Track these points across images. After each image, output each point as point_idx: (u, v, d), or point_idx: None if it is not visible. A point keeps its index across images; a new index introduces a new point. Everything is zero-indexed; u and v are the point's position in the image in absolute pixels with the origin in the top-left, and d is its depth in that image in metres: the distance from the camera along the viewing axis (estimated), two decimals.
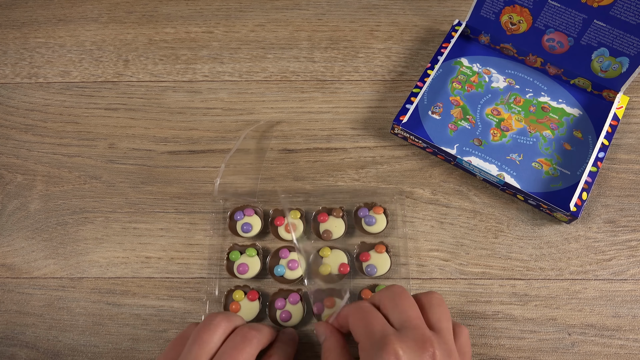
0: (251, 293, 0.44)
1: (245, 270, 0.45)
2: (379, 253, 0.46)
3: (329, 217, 0.47)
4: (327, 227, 0.47)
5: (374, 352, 0.32)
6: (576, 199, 0.45)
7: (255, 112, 0.54)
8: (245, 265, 0.45)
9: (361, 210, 0.47)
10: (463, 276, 0.46)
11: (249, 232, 0.47)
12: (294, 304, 0.44)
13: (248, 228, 0.47)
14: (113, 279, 0.47)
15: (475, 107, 0.52)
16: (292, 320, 0.43)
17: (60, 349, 0.44)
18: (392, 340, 0.32)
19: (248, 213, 0.47)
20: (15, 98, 0.55)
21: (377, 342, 0.33)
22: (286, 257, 0.46)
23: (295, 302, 0.44)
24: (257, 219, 0.47)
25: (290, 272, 0.45)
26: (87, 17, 0.60)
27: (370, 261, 0.45)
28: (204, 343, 0.34)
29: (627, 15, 0.46)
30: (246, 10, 0.60)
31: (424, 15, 0.59)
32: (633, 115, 0.53)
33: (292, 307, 0.44)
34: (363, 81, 0.55)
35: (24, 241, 0.48)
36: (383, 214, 0.47)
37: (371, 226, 0.47)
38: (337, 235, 0.47)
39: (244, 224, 0.47)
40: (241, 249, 0.46)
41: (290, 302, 0.44)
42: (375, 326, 0.34)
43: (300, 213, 0.47)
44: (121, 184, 0.51)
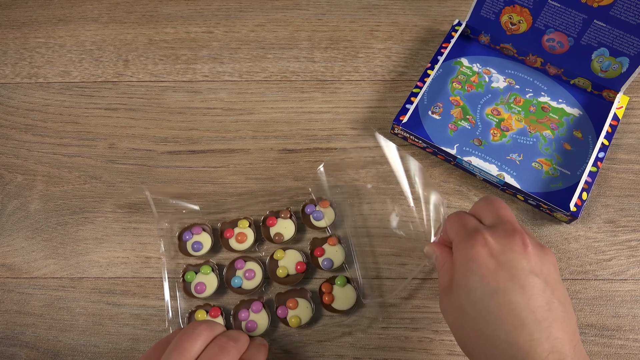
0: (213, 310, 0.44)
1: (203, 289, 0.44)
2: (331, 246, 0.46)
3: (277, 220, 0.47)
4: (277, 230, 0.46)
5: (465, 241, 0.34)
6: (576, 199, 0.45)
7: (255, 112, 0.54)
8: (202, 284, 0.45)
9: (308, 207, 0.48)
10: None
11: (200, 250, 0.46)
12: (257, 312, 0.43)
13: (199, 247, 0.46)
14: (113, 279, 0.47)
15: (475, 107, 0.52)
16: (259, 328, 0.43)
17: (60, 349, 0.44)
18: (482, 230, 0.34)
19: (196, 231, 0.47)
20: (15, 98, 0.55)
21: (468, 234, 0.34)
22: (242, 267, 0.45)
23: (258, 310, 0.44)
24: (207, 235, 0.47)
25: (248, 282, 0.45)
26: (87, 17, 0.60)
27: (324, 255, 0.46)
28: (185, 350, 0.34)
29: (627, 15, 0.46)
30: (246, 10, 0.60)
31: (424, 15, 0.59)
32: (633, 115, 0.53)
33: (256, 315, 0.43)
34: (363, 81, 0.55)
35: (24, 241, 0.48)
36: (330, 207, 0.47)
37: (319, 221, 0.47)
38: (288, 237, 0.46)
39: (194, 243, 0.46)
40: (195, 269, 0.45)
41: (254, 311, 0.43)
42: (468, 223, 0.36)
43: (248, 222, 0.47)
44: (121, 184, 0.51)
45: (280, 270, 0.45)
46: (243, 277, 0.45)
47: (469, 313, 0.32)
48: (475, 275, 0.32)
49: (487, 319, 0.31)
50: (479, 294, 0.32)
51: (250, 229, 0.47)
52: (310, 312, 0.43)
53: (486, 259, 0.32)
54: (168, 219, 0.48)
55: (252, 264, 0.45)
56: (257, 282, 0.45)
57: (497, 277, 0.32)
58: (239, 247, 0.46)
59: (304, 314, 0.43)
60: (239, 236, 0.46)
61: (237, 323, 0.44)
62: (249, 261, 0.46)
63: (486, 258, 0.32)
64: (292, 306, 0.43)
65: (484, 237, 0.33)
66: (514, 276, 0.31)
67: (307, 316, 0.43)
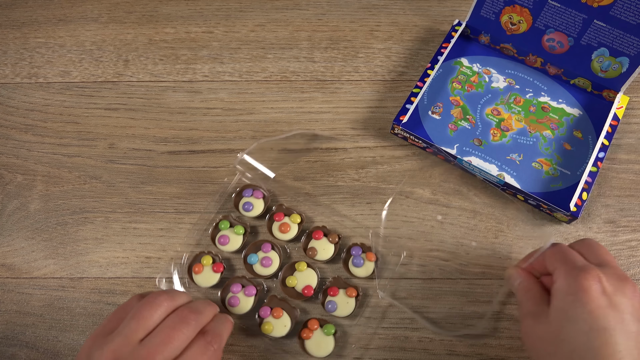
0: (217, 265, 0.45)
1: (226, 243, 0.46)
2: (348, 296, 0.44)
3: (323, 238, 0.46)
4: (315, 245, 0.46)
5: (576, 272, 0.34)
6: (576, 199, 0.45)
7: (255, 112, 0.54)
8: (226, 237, 0.46)
9: (354, 248, 0.46)
10: (463, 276, 0.46)
11: (249, 211, 0.47)
12: (248, 295, 0.44)
13: (249, 207, 0.47)
14: (113, 279, 0.47)
15: (475, 107, 0.52)
16: (238, 308, 0.43)
17: (60, 349, 0.44)
18: (595, 267, 0.34)
19: (257, 195, 0.48)
20: (15, 98, 0.55)
21: (579, 267, 0.35)
22: (266, 251, 0.46)
23: (250, 294, 0.44)
24: (261, 203, 0.48)
25: (260, 267, 0.45)
26: (87, 17, 0.60)
27: (335, 298, 0.44)
28: (143, 319, 0.34)
29: (627, 15, 0.46)
30: (246, 10, 0.60)
31: (424, 15, 0.59)
32: (633, 115, 0.53)
33: (245, 297, 0.44)
34: (363, 81, 0.55)
35: (24, 241, 0.48)
36: (374, 262, 0.45)
37: (356, 268, 0.45)
38: (321, 257, 0.46)
39: (246, 203, 0.47)
40: (232, 223, 0.47)
41: (245, 294, 0.44)
42: (576, 258, 0.36)
43: (301, 218, 0.47)
44: (121, 184, 0.51)
45: (291, 279, 0.45)
46: (259, 260, 0.45)
47: (568, 343, 0.33)
48: (584, 307, 0.33)
49: (587, 354, 0.32)
50: (585, 328, 0.32)
51: (297, 226, 0.47)
52: (285, 330, 0.43)
53: (598, 295, 0.33)
54: (242, 168, 0.49)
55: (275, 255, 0.46)
56: (267, 273, 0.45)
57: (607, 315, 0.32)
58: (277, 234, 0.47)
59: (279, 328, 0.43)
60: (283, 226, 0.46)
61: (225, 291, 0.44)
62: (274, 250, 0.46)
63: (598, 294, 0.33)
64: (275, 315, 0.43)
65: (598, 274, 0.34)
66: (623, 319, 0.32)
67: (280, 332, 0.43)
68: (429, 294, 0.45)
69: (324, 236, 0.46)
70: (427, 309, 0.45)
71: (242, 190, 0.48)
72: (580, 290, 0.33)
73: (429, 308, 0.45)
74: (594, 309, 0.32)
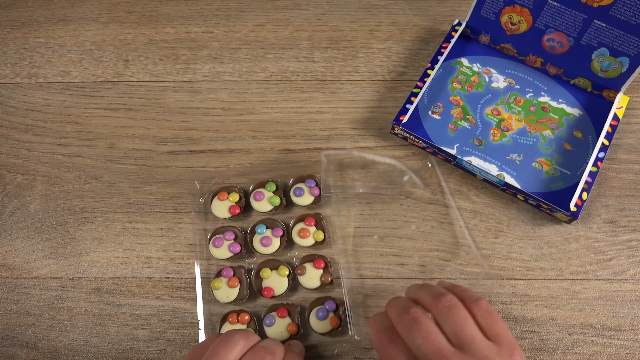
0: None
1: (260, 199, 0.47)
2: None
3: (317, 269, 0.46)
4: (307, 267, 0.46)
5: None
6: (576, 199, 0.45)
7: (255, 112, 0.54)
8: (261, 193, 0.48)
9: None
10: (463, 276, 0.46)
11: (298, 197, 0.48)
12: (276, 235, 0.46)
13: (300, 193, 0.48)
14: (113, 279, 0.47)
15: (475, 107, 0.52)
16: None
17: (60, 349, 0.44)
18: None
19: (309, 184, 0.48)
20: (15, 98, 0.55)
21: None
22: (275, 235, 0.47)
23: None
24: (310, 196, 0.48)
25: (260, 245, 0.46)
26: (87, 17, 0.60)
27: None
28: (220, 359, 0.34)
29: (627, 15, 0.46)
30: (246, 10, 0.60)
31: (424, 15, 0.59)
32: (633, 115, 0.53)
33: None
34: (363, 81, 0.55)
35: (24, 241, 0.48)
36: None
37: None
38: (306, 284, 0.45)
39: (298, 188, 0.48)
40: (277, 187, 0.49)
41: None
42: (433, 344, 0.33)
43: (324, 237, 0.47)
44: (121, 184, 0.51)
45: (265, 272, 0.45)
46: (262, 237, 0.46)
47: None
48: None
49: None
50: None
51: (313, 240, 0.47)
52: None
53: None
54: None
55: (277, 241, 0.47)
56: (265, 251, 0.46)
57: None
58: (295, 236, 0.47)
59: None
60: (303, 231, 0.47)
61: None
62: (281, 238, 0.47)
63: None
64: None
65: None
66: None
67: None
68: None
69: (320, 268, 0.45)
70: None
71: (301, 179, 0.49)
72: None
73: None
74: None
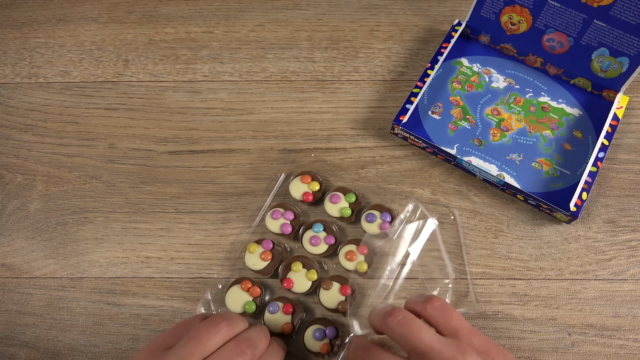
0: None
1: (318, 243, 0.46)
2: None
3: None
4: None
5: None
6: (576, 199, 0.45)
7: (255, 112, 0.54)
8: (317, 238, 0.46)
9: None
10: (463, 276, 0.46)
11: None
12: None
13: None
14: (113, 279, 0.47)
15: (475, 107, 0.52)
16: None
17: (60, 349, 0.44)
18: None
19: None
20: (15, 98, 0.55)
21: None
22: (316, 231, 0.46)
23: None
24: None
25: (312, 247, 0.46)
26: (87, 17, 0.60)
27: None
28: (201, 343, 0.34)
29: (627, 15, 0.46)
30: (246, 10, 0.60)
31: (424, 15, 0.59)
32: (633, 115, 0.53)
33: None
34: (363, 81, 0.55)
35: (24, 241, 0.48)
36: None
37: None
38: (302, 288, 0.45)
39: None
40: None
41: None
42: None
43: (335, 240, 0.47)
44: (121, 184, 0.51)
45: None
46: (312, 237, 0.46)
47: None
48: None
49: None
50: None
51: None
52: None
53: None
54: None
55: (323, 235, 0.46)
56: (316, 251, 0.46)
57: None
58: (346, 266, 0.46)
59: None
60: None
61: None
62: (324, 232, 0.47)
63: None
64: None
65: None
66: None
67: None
68: None
69: (344, 294, 0.45)
70: None
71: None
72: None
73: None
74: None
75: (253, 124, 0.53)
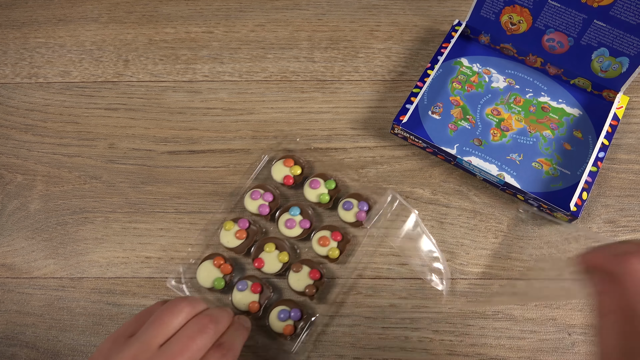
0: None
1: (293, 225, 0.47)
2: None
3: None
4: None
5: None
6: (576, 199, 0.45)
7: (255, 112, 0.54)
8: (293, 220, 0.47)
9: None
10: (463, 276, 0.46)
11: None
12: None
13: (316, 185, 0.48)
14: (113, 279, 0.47)
15: (475, 107, 0.52)
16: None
17: (60, 349, 0.44)
18: None
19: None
20: (15, 98, 0.55)
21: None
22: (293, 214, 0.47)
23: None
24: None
25: (284, 227, 0.47)
26: (87, 17, 0.60)
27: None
28: (164, 324, 0.34)
29: (627, 15, 0.46)
30: (246, 10, 0.60)
31: (424, 15, 0.59)
32: (633, 115, 0.53)
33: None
34: (363, 81, 0.55)
35: (24, 241, 0.48)
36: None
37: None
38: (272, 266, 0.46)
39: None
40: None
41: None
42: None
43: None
44: (121, 184, 0.51)
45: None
46: (286, 221, 0.47)
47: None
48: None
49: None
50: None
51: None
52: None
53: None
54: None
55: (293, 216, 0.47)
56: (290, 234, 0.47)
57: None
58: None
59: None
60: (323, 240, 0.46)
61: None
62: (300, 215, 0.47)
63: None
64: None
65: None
66: None
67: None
68: (429, 294, 0.45)
69: (313, 278, 0.45)
70: (427, 309, 0.45)
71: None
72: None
73: (429, 308, 0.45)
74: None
75: (253, 124, 0.53)
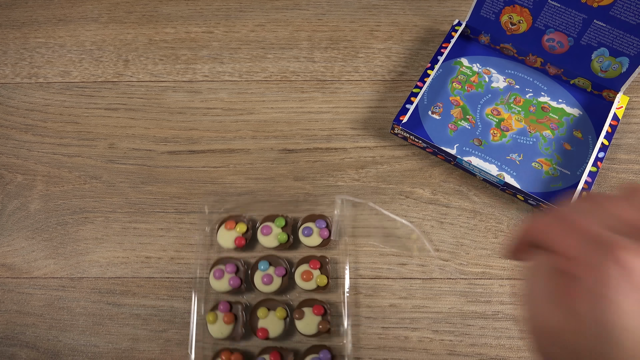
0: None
1: (268, 233, 0.46)
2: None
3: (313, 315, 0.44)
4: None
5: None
6: (576, 199, 0.45)
7: (255, 112, 0.54)
8: (269, 227, 0.46)
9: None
10: (463, 276, 0.46)
11: (307, 237, 0.47)
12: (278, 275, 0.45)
13: (309, 233, 0.47)
14: (113, 279, 0.47)
15: (475, 107, 0.52)
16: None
17: (60, 349, 0.44)
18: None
19: (319, 225, 0.47)
20: (15, 98, 0.55)
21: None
22: (278, 274, 0.45)
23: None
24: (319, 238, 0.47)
25: (265, 286, 0.45)
26: (87, 17, 0.60)
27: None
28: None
29: (627, 15, 0.46)
30: (246, 10, 0.60)
31: (424, 15, 0.59)
32: (633, 115, 0.53)
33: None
34: (363, 81, 0.55)
35: (24, 241, 0.48)
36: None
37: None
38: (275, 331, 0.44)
39: (307, 228, 0.47)
40: (287, 221, 0.48)
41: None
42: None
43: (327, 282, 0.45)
44: (121, 184, 0.51)
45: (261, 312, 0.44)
46: (264, 274, 0.45)
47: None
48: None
49: None
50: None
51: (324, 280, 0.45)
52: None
53: None
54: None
55: (278, 280, 0.45)
56: (266, 289, 0.45)
57: None
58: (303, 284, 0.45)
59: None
60: (306, 273, 0.45)
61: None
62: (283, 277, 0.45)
63: None
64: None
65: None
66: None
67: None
68: (429, 294, 0.45)
69: (319, 314, 0.44)
70: (427, 309, 0.45)
71: (309, 219, 0.48)
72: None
73: (429, 308, 0.45)
74: None
75: (253, 124, 0.53)
